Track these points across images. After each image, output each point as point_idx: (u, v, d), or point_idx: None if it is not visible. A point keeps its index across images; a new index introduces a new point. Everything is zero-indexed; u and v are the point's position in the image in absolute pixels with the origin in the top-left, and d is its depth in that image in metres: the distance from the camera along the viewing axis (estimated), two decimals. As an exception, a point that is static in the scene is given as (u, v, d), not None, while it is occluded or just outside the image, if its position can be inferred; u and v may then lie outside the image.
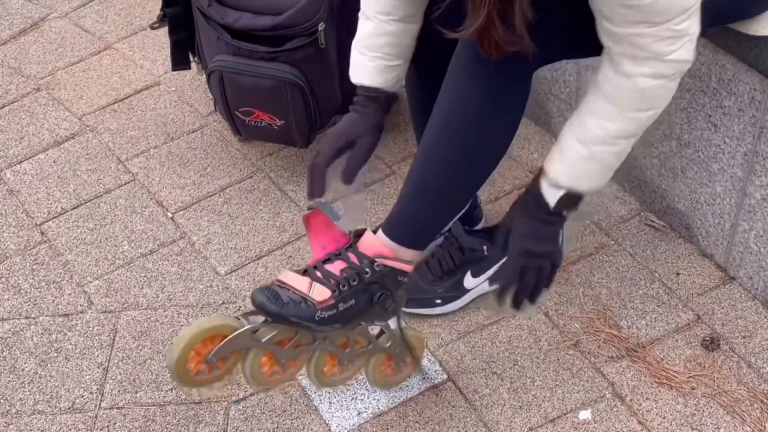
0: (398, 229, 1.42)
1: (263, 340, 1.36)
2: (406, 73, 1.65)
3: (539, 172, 1.38)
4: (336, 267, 1.38)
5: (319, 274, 1.38)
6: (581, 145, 1.33)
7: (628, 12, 1.21)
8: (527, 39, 1.20)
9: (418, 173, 1.42)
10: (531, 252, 1.37)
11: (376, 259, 1.39)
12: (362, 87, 1.48)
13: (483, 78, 1.35)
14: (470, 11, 1.20)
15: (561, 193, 1.36)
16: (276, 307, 1.33)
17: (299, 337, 1.39)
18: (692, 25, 1.25)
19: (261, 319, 1.37)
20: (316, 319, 1.35)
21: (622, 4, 1.20)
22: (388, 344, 1.50)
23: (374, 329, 1.49)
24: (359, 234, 1.43)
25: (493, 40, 1.22)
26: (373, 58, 1.46)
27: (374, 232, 1.43)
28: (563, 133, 1.37)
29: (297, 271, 1.39)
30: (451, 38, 1.40)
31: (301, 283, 1.36)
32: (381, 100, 1.48)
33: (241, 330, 1.34)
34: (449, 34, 1.25)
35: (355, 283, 1.38)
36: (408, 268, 1.43)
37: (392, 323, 1.48)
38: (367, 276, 1.39)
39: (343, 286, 1.37)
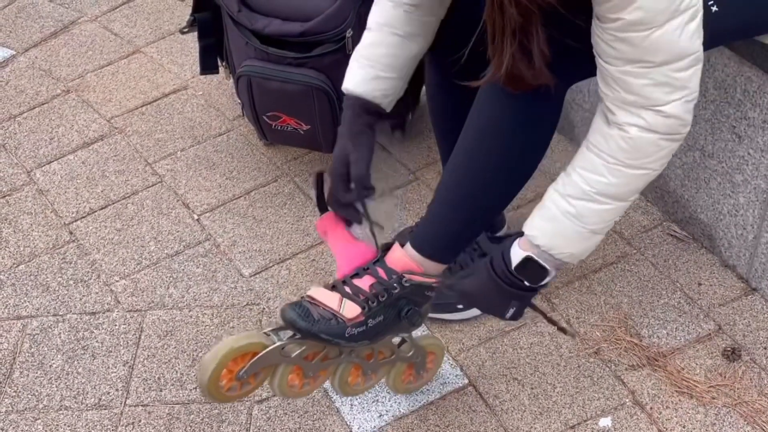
0: (427, 243, 1.42)
1: (293, 355, 1.36)
2: (430, 77, 1.66)
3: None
4: (365, 282, 1.39)
5: (348, 289, 1.38)
6: (562, 198, 1.28)
7: (622, 47, 1.16)
8: (547, 73, 1.20)
9: (449, 190, 1.42)
10: (470, 300, 1.41)
11: (405, 275, 1.40)
12: (347, 94, 1.45)
13: (515, 99, 1.34)
14: (493, 59, 1.21)
15: (525, 254, 1.30)
16: (307, 324, 1.33)
17: (327, 351, 1.40)
18: (693, 78, 1.19)
19: (289, 333, 1.37)
20: (347, 336, 1.36)
21: (615, 37, 1.16)
22: (410, 353, 1.51)
23: (396, 339, 1.51)
24: (387, 248, 1.44)
25: (516, 78, 1.22)
26: (365, 65, 1.44)
27: (402, 245, 1.43)
28: (547, 191, 1.32)
29: (326, 286, 1.39)
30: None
31: (331, 299, 1.37)
32: (364, 111, 1.43)
33: (272, 348, 1.35)
34: (473, 84, 1.27)
35: (384, 298, 1.38)
36: (435, 281, 1.43)
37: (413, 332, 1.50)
38: (396, 291, 1.39)
39: (372, 302, 1.37)
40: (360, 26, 1.83)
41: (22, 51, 2.54)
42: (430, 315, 1.73)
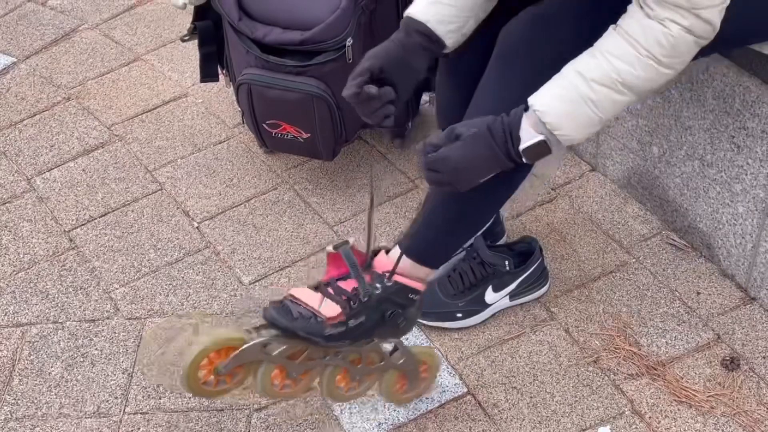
0: (414, 246, 1.42)
1: (274, 353, 1.37)
2: (439, 74, 1.59)
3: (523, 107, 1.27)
4: (348, 284, 1.39)
5: (330, 290, 1.38)
6: (585, 82, 1.23)
7: None
8: None
9: (439, 200, 1.42)
10: (455, 172, 1.29)
11: (386, 274, 1.40)
12: (407, 21, 1.37)
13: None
14: None
15: (540, 138, 1.25)
16: (285, 321, 1.34)
17: (310, 351, 1.40)
18: None
19: (274, 332, 1.37)
20: (325, 335, 1.36)
21: None
22: (401, 361, 1.50)
23: (388, 346, 1.50)
24: (374, 254, 1.43)
25: None
26: None
27: (387, 252, 1.44)
28: (565, 69, 1.26)
29: (310, 287, 1.40)
30: (485, 40, 1.39)
31: (312, 298, 1.37)
32: (419, 34, 1.35)
33: (253, 343, 1.35)
34: None
35: (366, 300, 1.38)
36: (420, 286, 1.43)
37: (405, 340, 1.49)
38: (378, 292, 1.39)
39: (354, 303, 1.37)
40: (360, 35, 1.84)
41: (23, 58, 2.54)
42: (429, 323, 1.74)
